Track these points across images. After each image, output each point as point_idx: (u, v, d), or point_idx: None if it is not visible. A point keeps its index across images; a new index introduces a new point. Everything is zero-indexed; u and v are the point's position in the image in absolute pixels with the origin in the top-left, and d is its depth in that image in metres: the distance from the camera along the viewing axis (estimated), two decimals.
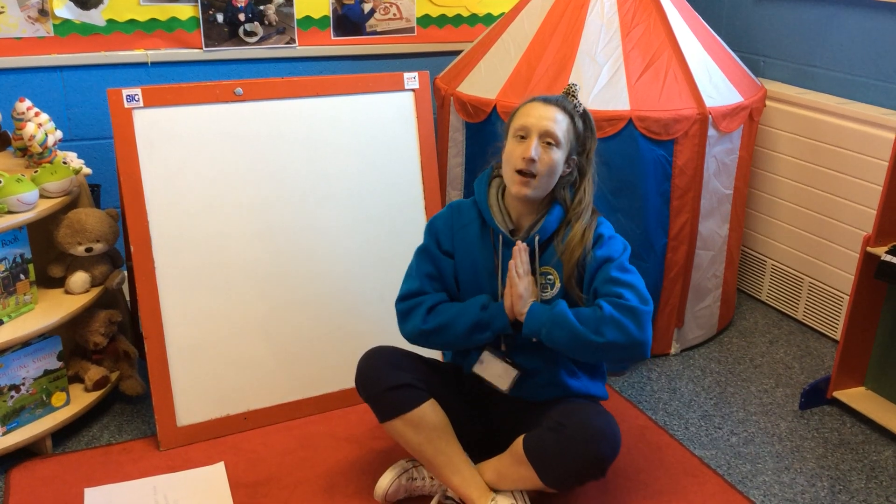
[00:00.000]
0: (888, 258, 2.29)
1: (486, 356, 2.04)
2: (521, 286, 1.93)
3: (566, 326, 1.88)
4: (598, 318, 1.87)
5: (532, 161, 1.89)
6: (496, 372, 2.04)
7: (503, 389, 2.03)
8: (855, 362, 2.54)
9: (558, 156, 1.93)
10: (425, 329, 2.02)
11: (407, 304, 2.05)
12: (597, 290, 1.93)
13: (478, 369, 2.05)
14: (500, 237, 2.00)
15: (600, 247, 1.96)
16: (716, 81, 2.66)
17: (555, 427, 1.89)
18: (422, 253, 2.11)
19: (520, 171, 1.92)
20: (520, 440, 1.95)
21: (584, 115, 2.00)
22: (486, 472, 2.03)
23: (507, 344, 2.03)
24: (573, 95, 1.98)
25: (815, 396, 2.56)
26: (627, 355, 1.91)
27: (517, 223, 2.02)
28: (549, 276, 1.99)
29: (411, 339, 2.06)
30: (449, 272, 2.08)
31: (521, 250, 1.94)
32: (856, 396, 2.53)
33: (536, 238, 1.97)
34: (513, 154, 1.93)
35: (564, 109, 1.95)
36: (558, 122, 1.93)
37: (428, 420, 1.99)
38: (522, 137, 1.93)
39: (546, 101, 1.96)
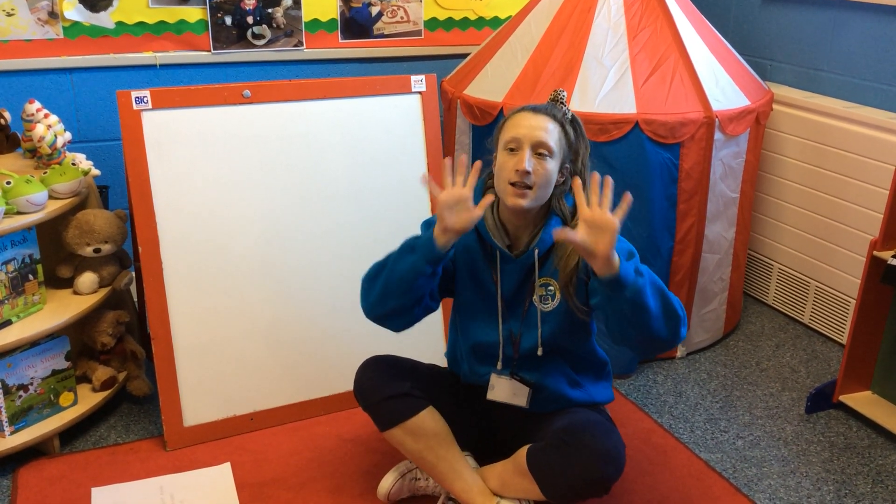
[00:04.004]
0: (895, 262, 2.29)
1: (494, 379, 2.03)
2: (611, 217, 1.70)
3: (657, 286, 1.76)
4: (669, 296, 1.78)
5: (526, 173, 1.83)
6: (509, 392, 2.03)
7: (523, 406, 2.02)
8: (861, 366, 2.53)
9: (552, 166, 1.87)
10: (367, 275, 1.95)
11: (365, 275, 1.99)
12: None
13: (491, 395, 2.03)
14: (498, 253, 1.97)
15: None
16: (722, 85, 2.66)
17: (559, 444, 1.88)
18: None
19: (513, 184, 1.86)
20: (523, 451, 1.95)
21: (574, 121, 1.94)
22: (490, 479, 2.03)
23: (508, 363, 2.03)
24: (561, 102, 1.93)
25: (821, 400, 2.56)
26: (661, 344, 1.80)
27: (514, 237, 1.97)
28: (550, 287, 1.96)
29: (364, 306, 1.97)
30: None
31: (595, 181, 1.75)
32: (862, 400, 2.53)
33: (536, 251, 1.93)
34: (505, 166, 1.87)
35: (554, 118, 1.89)
36: (549, 132, 1.87)
37: (427, 428, 1.99)
38: (513, 150, 1.87)
39: (535, 110, 1.91)
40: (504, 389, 2.03)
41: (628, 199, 1.71)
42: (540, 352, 1.98)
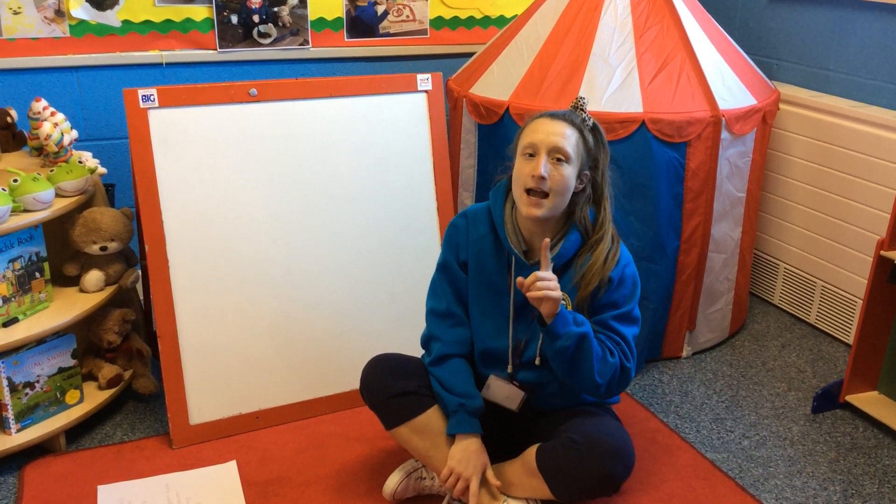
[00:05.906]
0: None
1: (492, 380, 2.03)
2: (554, 289, 1.81)
3: (584, 354, 1.85)
4: (610, 365, 1.88)
5: (542, 178, 1.83)
6: (503, 394, 2.03)
7: (513, 409, 2.03)
8: (867, 366, 2.53)
9: (569, 171, 1.86)
10: (427, 366, 2.06)
11: (431, 329, 2.07)
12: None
13: (486, 394, 2.04)
14: (514, 258, 1.97)
15: (610, 289, 1.92)
16: (729, 84, 2.65)
17: (568, 443, 1.88)
18: (442, 270, 2.08)
19: (529, 191, 1.86)
20: (532, 451, 1.95)
21: (594, 128, 1.93)
22: (497, 478, 2.02)
23: (514, 363, 2.03)
24: (581, 109, 1.92)
25: (828, 400, 2.55)
26: (590, 395, 1.99)
27: (530, 243, 1.97)
28: (563, 303, 1.94)
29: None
30: (465, 289, 2.06)
31: (545, 247, 1.83)
32: (868, 400, 2.52)
33: (551, 265, 1.91)
34: (521, 172, 1.87)
35: (573, 124, 1.89)
36: (567, 137, 1.86)
37: (433, 426, 1.99)
38: (531, 155, 1.87)
39: (553, 116, 1.90)
40: (499, 390, 2.03)
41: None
42: (538, 361, 1.99)
